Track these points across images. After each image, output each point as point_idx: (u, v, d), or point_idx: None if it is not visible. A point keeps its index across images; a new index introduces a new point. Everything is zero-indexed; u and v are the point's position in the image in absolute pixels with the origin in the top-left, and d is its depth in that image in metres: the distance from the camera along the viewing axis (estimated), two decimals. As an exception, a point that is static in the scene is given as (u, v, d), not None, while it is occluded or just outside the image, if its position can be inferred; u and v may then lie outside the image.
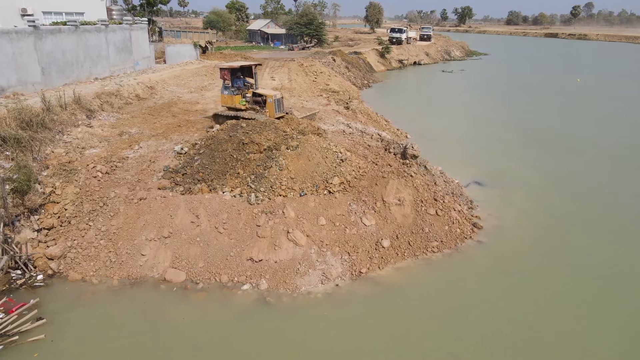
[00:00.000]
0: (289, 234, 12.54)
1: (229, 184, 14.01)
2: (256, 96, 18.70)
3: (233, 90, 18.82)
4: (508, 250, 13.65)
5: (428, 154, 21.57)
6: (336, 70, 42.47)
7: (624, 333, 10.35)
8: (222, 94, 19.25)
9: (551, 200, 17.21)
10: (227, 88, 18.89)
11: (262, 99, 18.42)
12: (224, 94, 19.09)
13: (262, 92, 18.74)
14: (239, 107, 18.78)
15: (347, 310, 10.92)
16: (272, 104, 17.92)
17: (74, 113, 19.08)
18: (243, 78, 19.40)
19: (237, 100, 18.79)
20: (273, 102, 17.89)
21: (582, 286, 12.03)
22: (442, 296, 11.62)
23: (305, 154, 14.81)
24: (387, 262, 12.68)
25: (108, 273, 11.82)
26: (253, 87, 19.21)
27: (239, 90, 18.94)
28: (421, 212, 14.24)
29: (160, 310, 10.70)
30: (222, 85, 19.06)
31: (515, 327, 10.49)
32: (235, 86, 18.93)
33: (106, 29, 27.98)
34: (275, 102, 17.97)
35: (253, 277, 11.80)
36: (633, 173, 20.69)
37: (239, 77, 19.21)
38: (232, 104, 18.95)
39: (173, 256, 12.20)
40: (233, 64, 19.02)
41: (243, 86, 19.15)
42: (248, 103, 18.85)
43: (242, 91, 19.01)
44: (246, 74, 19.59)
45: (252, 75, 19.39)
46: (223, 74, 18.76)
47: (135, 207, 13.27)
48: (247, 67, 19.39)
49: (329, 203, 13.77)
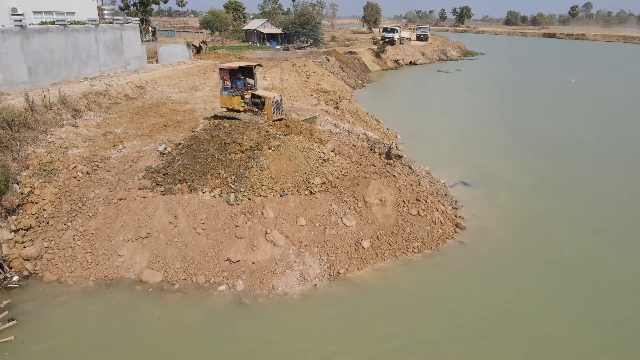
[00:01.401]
0: (267, 235, 12.48)
1: (210, 184, 13.95)
2: (255, 98, 18.33)
3: (232, 91, 18.44)
4: (489, 251, 13.60)
5: (417, 154, 21.57)
6: (330, 70, 42.40)
7: (602, 332, 10.29)
8: (221, 94, 18.89)
9: (536, 201, 17.16)
10: (226, 89, 18.47)
11: (261, 101, 18.02)
12: (223, 95, 18.72)
13: (261, 93, 18.34)
14: (237, 109, 18.37)
15: (322, 311, 10.87)
16: (271, 106, 17.44)
17: (58, 113, 18.99)
18: (243, 79, 19.01)
19: (236, 102, 18.37)
20: (272, 104, 17.41)
21: (560, 286, 11.97)
22: (419, 296, 11.57)
23: (287, 154, 14.74)
24: (367, 263, 12.62)
25: (84, 274, 11.75)
26: (252, 88, 18.86)
27: (239, 91, 18.55)
28: (403, 213, 14.18)
29: (134, 312, 10.64)
30: (222, 85, 18.71)
31: (492, 327, 10.44)
32: (235, 87, 18.57)
33: (96, 29, 27.90)
34: (274, 104, 17.49)
35: (230, 277, 11.73)
36: (620, 173, 20.64)
37: (239, 78, 18.83)
38: (231, 105, 18.52)
39: (150, 257, 12.13)
40: (232, 65, 18.66)
41: (243, 87, 18.77)
42: (247, 104, 18.44)
43: (241, 92, 18.57)
44: (247, 74, 19.21)
45: (252, 76, 19.03)
46: (222, 75, 18.33)
47: (115, 207, 13.20)
48: (248, 68, 18.97)
49: (309, 203, 13.70)
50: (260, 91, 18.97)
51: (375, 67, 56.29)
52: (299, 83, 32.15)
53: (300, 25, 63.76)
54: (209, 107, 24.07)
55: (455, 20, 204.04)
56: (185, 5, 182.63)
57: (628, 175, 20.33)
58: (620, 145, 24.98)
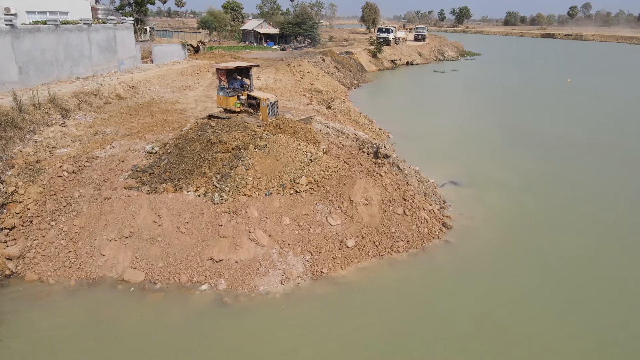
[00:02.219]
0: (250, 234, 12.45)
1: (195, 183, 13.92)
2: (251, 99, 18.21)
3: (228, 91, 18.27)
4: (474, 250, 13.57)
5: (408, 154, 21.60)
6: (325, 70, 42.39)
7: (587, 333, 10.26)
8: (217, 94, 18.73)
9: (525, 200, 17.13)
10: (222, 89, 18.32)
11: (257, 102, 17.90)
12: (219, 95, 18.56)
13: (257, 94, 18.19)
14: (233, 109, 18.25)
15: (304, 310, 10.84)
16: (266, 107, 17.38)
17: (47, 112, 18.98)
18: (241, 79, 18.83)
19: (232, 102, 18.23)
20: (267, 105, 17.35)
21: (544, 286, 11.94)
22: (402, 296, 11.54)
23: (273, 153, 14.71)
24: (351, 262, 12.59)
25: (66, 273, 11.72)
26: (249, 88, 18.70)
27: (235, 92, 18.40)
28: (389, 212, 14.15)
29: (114, 311, 10.60)
30: (218, 86, 18.58)
31: (475, 326, 10.40)
32: (231, 87, 18.40)
33: (89, 28, 27.89)
34: (269, 105, 17.41)
35: (212, 277, 11.70)
36: (611, 174, 20.63)
37: (236, 79, 18.65)
38: (227, 106, 18.38)
39: (133, 256, 12.10)
40: (229, 65, 18.47)
41: (240, 87, 18.60)
42: (242, 105, 18.31)
43: (237, 93, 18.43)
44: (244, 75, 19.03)
45: (249, 76, 18.87)
46: (219, 75, 18.22)
47: (99, 206, 13.17)
48: (245, 68, 18.73)
49: (294, 203, 13.67)
50: (256, 92, 18.79)
51: (372, 67, 56.30)
52: (292, 83, 32.13)
53: (297, 26, 63.75)
54: (201, 107, 24.08)
55: (454, 20, 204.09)
56: (184, 6, 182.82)
57: (619, 176, 20.31)
58: (613, 146, 24.96)
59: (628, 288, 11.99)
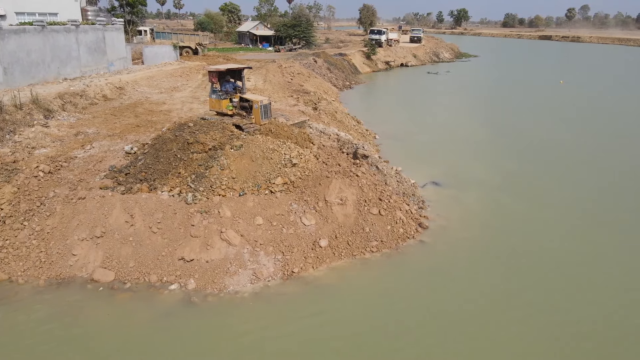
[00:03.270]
0: (222, 234, 12.46)
1: (170, 183, 13.93)
2: (243, 101, 17.76)
3: (221, 94, 17.83)
4: (448, 250, 13.57)
5: (393, 155, 21.65)
6: (317, 71, 42.46)
7: (561, 333, 10.25)
8: (210, 97, 18.32)
9: (504, 201, 17.14)
10: (214, 92, 17.89)
11: (249, 104, 17.46)
12: (211, 98, 18.13)
13: (249, 97, 17.72)
14: (225, 112, 17.79)
15: (271, 309, 10.83)
16: (258, 110, 16.91)
17: (29, 113, 19.01)
18: (233, 82, 18.38)
19: (224, 105, 17.81)
20: (259, 108, 16.89)
21: (516, 285, 11.94)
22: (372, 295, 11.54)
23: (248, 153, 14.73)
24: (322, 262, 12.59)
25: (36, 273, 11.72)
26: (241, 91, 18.28)
27: (227, 95, 17.94)
28: (363, 212, 14.16)
29: (80, 311, 10.60)
30: (211, 88, 18.12)
31: (445, 325, 10.40)
32: (224, 90, 17.86)
33: (77, 29, 27.94)
34: (262, 107, 16.94)
35: (182, 276, 11.71)
36: (593, 174, 20.65)
37: (228, 81, 18.09)
38: (219, 109, 17.94)
39: (104, 256, 12.10)
40: (220, 67, 18.05)
41: (232, 90, 18.06)
42: (235, 108, 17.85)
43: (230, 95, 17.99)
44: (237, 77, 18.57)
45: (241, 78, 18.38)
46: (211, 77, 17.74)
47: (72, 206, 13.17)
48: (237, 71, 18.25)
49: (268, 203, 13.69)
50: (249, 94, 18.33)
51: (366, 68, 56.38)
52: (281, 84, 32.18)
53: (292, 27, 63.86)
54: (186, 108, 24.11)
55: (452, 22, 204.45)
56: (183, 8, 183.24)
57: (601, 176, 20.33)
58: (597, 147, 25.00)
59: (605, 285, 12.00)
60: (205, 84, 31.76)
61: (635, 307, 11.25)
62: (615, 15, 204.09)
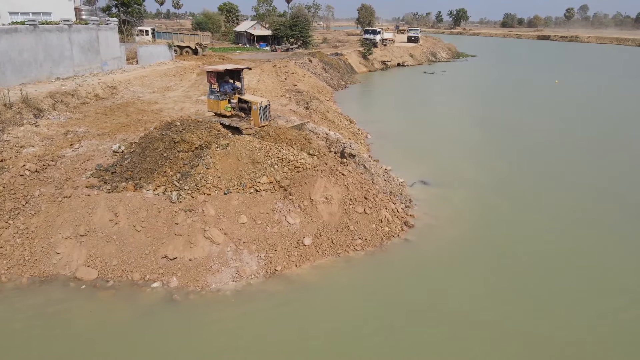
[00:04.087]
0: (205, 232, 12.49)
1: (155, 182, 13.97)
2: (242, 102, 17.42)
3: (219, 95, 17.45)
4: (433, 248, 13.60)
5: (384, 154, 21.70)
6: (312, 71, 42.51)
7: (547, 333, 10.28)
8: (208, 98, 17.93)
9: (491, 200, 17.18)
10: (213, 92, 17.57)
11: (248, 106, 17.14)
12: (210, 99, 17.76)
13: (248, 98, 17.34)
14: (224, 113, 17.46)
15: (253, 307, 10.86)
16: (257, 111, 16.60)
17: (19, 112, 19.06)
18: (232, 82, 17.81)
19: (223, 106, 17.46)
20: (258, 109, 16.57)
21: (501, 286, 11.97)
22: (353, 293, 11.56)
23: (234, 152, 14.76)
24: (306, 260, 12.63)
25: (19, 271, 11.74)
26: (240, 92, 17.73)
27: (225, 95, 17.51)
28: (349, 211, 14.19)
29: (61, 308, 10.63)
30: (209, 89, 17.79)
31: (427, 324, 10.44)
32: (222, 91, 17.49)
33: (69, 29, 27.98)
34: (261, 109, 16.63)
35: (165, 274, 11.74)
36: (583, 173, 20.68)
37: (227, 81, 17.60)
38: (217, 110, 17.59)
39: (88, 254, 12.13)
40: (219, 67, 17.40)
41: (231, 91, 17.63)
42: (234, 109, 17.52)
43: (228, 96, 17.55)
44: (235, 77, 17.96)
45: (240, 79, 17.84)
46: (209, 77, 17.29)
47: (57, 205, 13.21)
48: (236, 71, 17.78)
49: (253, 201, 13.72)
50: (248, 95, 17.91)
51: (362, 68, 56.42)
52: (275, 84, 32.21)
53: (289, 27, 63.90)
54: (178, 107, 24.17)
55: (451, 22, 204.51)
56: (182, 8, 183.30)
57: (591, 176, 20.38)
58: (589, 146, 25.04)
59: (595, 286, 12.01)
60: (199, 83, 31.86)
61: (622, 305, 11.27)
62: (614, 16, 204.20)
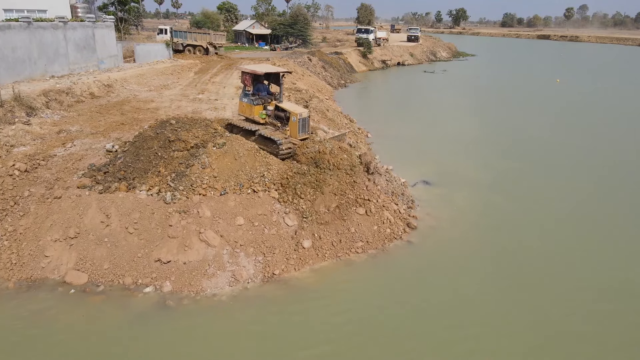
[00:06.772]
0: (200, 234, 12.01)
1: (149, 182, 13.48)
2: (279, 110, 15.69)
3: (254, 99, 15.84)
4: (436, 250, 13.17)
5: (385, 153, 21.26)
6: (311, 70, 42.05)
7: (549, 332, 9.85)
8: (240, 101, 16.42)
9: (494, 200, 16.74)
10: (246, 95, 15.96)
11: (285, 115, 15.44)
12: (242, 102, 16.21)
13: (287, 107, 15.57)
14: (257, 120, 15.89)
15: (249, 313, 10.40)
16: (296, 123, 14.95)
17: (11, 110, 18.55)
18: (267, 85, 16.48)
19: (257, 112, 15.88)
20: (297, 121, 14.92)
21: (504, 286, 11.52)
22: (354, 296, 11.12)
23: (231, 152, 14.27)
24: (305, 263, 12.17)
25: (6, 275, 11.25)
26: (277, 99, 16.10)
27: (261, 100, 15.96)
28: (350, 212, 13.72)
29: (49, 315, 10.15)
30: (242, 91, 16.31)
31: (430, 327, 9.99)
32: (257, 94, 15.99)
33: (65, 26, 27.47)
34: (300, 121, 15.00)
35: (158, 279, 11.26)
36: (585, 173, 20.27)
37: (262, 84, 16.25)
38: (250, 115, 16.05)
39: (78, 257, 11.65)
40: (257, 69, 15.72)
41: (267, 96, 16.20)
42: (268, 117, 15.88)
43: (264, 102, 16.01)
44: (274, 81, 16.39)
45: (279, 84, 16.15)
46: (244, 79, 15.79)
47: (47, 206, 12.71)
48: (275, 75, 16.04)
49: (250, 202, 13.24)
50: (286, 103, 16.14)
51: (362, 67, 55.99)
52: (273, 82, 31.70)
53: (288, 26, 63.40)
54: (174, 106, 23.67)
55: (451, 22, 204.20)
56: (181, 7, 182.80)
57: (592, 175, 19.96)
58: (590, 146, 24.62)
59: (597, 285, 11.63)
60: (196, 82, 31.36)
61: (623, 305, 10.84)
62: (614, 15, 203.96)
